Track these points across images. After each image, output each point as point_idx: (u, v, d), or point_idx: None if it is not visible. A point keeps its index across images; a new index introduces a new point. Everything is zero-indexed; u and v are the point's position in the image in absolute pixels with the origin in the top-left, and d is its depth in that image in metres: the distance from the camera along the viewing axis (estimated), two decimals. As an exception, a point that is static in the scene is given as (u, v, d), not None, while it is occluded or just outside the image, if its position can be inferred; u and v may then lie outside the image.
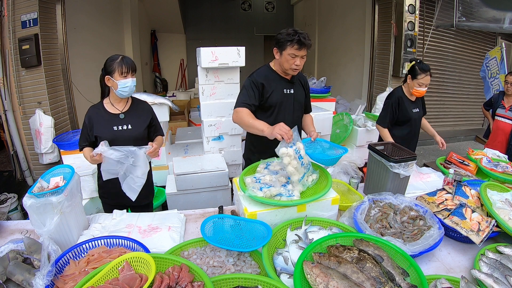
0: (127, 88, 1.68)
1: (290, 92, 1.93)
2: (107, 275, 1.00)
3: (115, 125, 1.75)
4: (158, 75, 8.58)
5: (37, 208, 1.21)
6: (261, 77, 1.87)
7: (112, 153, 1.57)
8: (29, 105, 3.42)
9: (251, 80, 1.86)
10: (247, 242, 1.25)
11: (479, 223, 1.39)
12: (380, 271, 1.05)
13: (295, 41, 1.70)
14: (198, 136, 3.77)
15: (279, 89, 1.89)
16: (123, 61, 1.66)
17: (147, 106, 1.91)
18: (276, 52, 1.82)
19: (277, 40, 1.79)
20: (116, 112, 1.77)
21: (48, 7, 3.46)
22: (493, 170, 2.03)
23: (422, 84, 2.33)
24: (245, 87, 1.88)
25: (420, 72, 2.30)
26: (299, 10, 9.02)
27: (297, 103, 1.98)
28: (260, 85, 1.84)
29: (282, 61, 1.80)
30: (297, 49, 1.72)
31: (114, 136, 1.73)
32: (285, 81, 1.92)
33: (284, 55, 1.77)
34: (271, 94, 1.87)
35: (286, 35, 1.73)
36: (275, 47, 1.82)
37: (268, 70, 1.92)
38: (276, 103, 1.90)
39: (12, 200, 2.98)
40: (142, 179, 1.68)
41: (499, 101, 3.29)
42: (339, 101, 5.67)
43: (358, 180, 1.98)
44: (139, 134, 1.79)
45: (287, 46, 1.73)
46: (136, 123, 1.80)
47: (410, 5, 4.30)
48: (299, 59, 1.76)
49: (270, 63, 1.95)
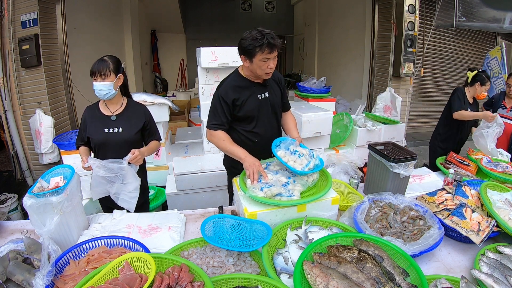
0: (98, 91, 1.65)
1: (265, 96, 1.78)
2: (107, 275, 1.00)
3: (106, 127, 1.73)
4: (158, 75, 8.59)
5: (37, 208, 1.21)
6: (230, 89, 1.71)
7: (99, 171, 1.56)
8: (29, 105, 3.42)
9: (220, 96, 1.70)
10: (247, 242, 1.25)
11: (479, 223, 1.39)
12: (380, 271, 1.05)
13: (264, 45, 1.52)
14: (198, 136, 3.77)
15: (253, 96, 1.74)
16: (94, 64, 1.64)
17: (142, 109, 1.85)
18: (245, 59, 1.64)
19: (243, 48, 1.59)
20: (109, 113, 1.76)
21: (48, 7, 3.46)
22: (493, 170, 2.03)
23: (487, 89, 2.84)
24: (214, 104, 1.73)
25: (487, 80, 2.79)
26: (299, 10, 9.02)
27: (274, 106, 1.84)
28: (230, 100, 1.69)
29: (254, 68, 1.63)
30: (269, 52, 1.55)
31: (105, 139, 1.72)
32: (258, 86, 1.76)
33: (255, 62, 1.59)
34: (245, 104, 1.72)
35: (252, 40, 1.54)
36: (242, 54, 1.63)
37: (237, 78, 1.75)
38: (252, 111, 1.75)
39: (12, 200, 2.98)
40: (136, 192, 1.66)
41: (500, 101, 3.28)
42: (339, 101, 5.67)
43: (358, 180, 1.98)
44: (130, 137, 1.74)
45: (257, 53, 1.55)
46: (128, 126, 1.76)
47: (410, 5, 4.29)
48: (272, 61, 1.60)
49: (239, 68, 1.79)
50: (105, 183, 1.62)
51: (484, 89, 2.81)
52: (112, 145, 1.73)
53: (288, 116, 1.98)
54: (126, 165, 1.60)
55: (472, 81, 2.81)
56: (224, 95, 1.70)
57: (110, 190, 1.64)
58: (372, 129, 3.42)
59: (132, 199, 1.66)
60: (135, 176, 1.66)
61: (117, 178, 1.61)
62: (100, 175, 1.56)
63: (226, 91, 1.71)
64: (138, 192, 1.68)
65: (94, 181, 1.64)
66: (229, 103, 1.70)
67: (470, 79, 2.82)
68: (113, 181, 1.62)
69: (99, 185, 1.63)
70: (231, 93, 1.70)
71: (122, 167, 1.58)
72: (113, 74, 1.65)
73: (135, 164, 1.67)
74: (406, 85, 4.63)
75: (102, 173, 1.56)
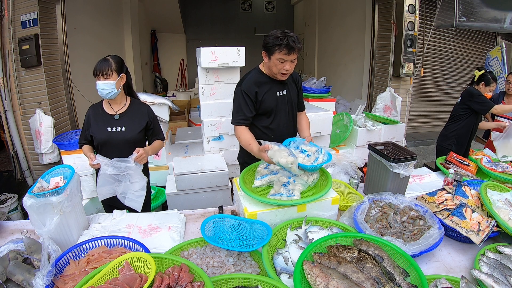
0: (100, 90, 1.67)
1: (283, 93, 1.85)
2: (107, 275, 1.00)
3: (109, 126, 1.74)
4: (158, 75, 8.58)
5: (37, 208, 1.21)
6: (252, 84, 1.77)
7: (107, 169, 1.56)
8: (29, 105, 3.42)
9: (243, 91, 1.76)
10: (247, 242, 1.25)
11: (479, 223, 1.39)
12: (380, 271, 1.05)
13: (283, 46, 1.59)
14: (198, 136, 3.77)
15: (272, 93, 1.81)
16: (97, 64, 1.66)
17: (146, 108, 1.86)
18: (265, 55, 1.72)
19: (265, 44, 1.68)
20: (112, 112, 1.76)
21: (48, 7, 3.46)
22: (493, 170, 2.03)
23: (492, 90, 2.84)
24: (238, 99, 1.78)
25: (493, 81, 2.79)
26: (299, 10, 9.02)
27: (291, 104, 1.91)
28: (253, 93, 1.75)
29: (271, 66, 1.71)
30: (286, 53, 1.62)
31: (108, 137, 1.73)
32: (277, 83, 1.83)
33: (272, 59, 1.67)
34: (264, 100, 1.79)
35: (274, 39, 1.61)
36: (264, 50, 1.72)
37: (258, 74, 1.82)
38: (270, 107, 1.82)
39: (12, 200, 2.98)
40: (143, 191, 1.67)
41: (500, 101, 3.29)
42: (339, 101, 5.67)
43: (358, 180, 1.98)
44: (133, 136, 1.75)
45: (275, 51, 1.62)
46: (131, 126, 1.77)
47: (410, 5, 4.29)
48: (289, 63, 1.66)
49: (260, 65, 1.85)
50: (112, 181, 1.62)
51: (489, 89, 2.82)
52: (115, 144, 1.73)
53: (302, 116, 2.05)
54: (133, 164, 1.60)
55: (478, 80, 2.83)
56: (247, 89, 1.76)
57: (117, 190, 1.65)
58: (372, 129, 3.42)
59: (139, 198, 1.67)
60: (141, 175, 1.67)
61: (124, 177, 1.62)
62: (108, 173, 1.57)
63: (248, 86, 1.77)
64: (145, 191, 1.70)
65: (101, 180, 1.63)
66: (252, 97, 1.76)
67: (476, 78, 2.84)
68: (120, 180, 1.62)
69: (106, 184, 1.63)
70: (253, 87, 1.76)
71: (130, 166, 1.59)
72: (116, 73, 1.67)
73: (140, 163, 1.68)
74: (406, 85, 4.63)
75: (110, 171, 1.56)
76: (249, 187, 1.53)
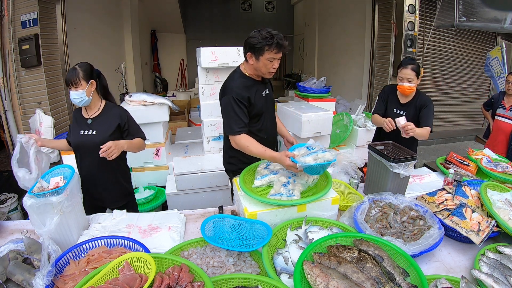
0: (72, 99, 1.69)
1: (267, 93, 1.86)
2: (107, 275, 1.00)
3: (82, 129, 1.77)
4: (158, 75, 8.59)
5: (37, 208, 1.21)
6: (242, 89, 1.71)
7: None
8: (29, 105, 3.43)
9: (236, 99, 1.68)
10: (247, 242, 1.25)
11: (479, 223, 1.39)
12: (380, 271, 1.05)
13: (273, 45, 1.59)
14: (198, 136, 3.77)
15: (259, 94, 1.79)
16: (67, 74, 1.68)
17: (118, 111, 1.83)
18: (250, 57, 1.67)
19: (251, 45, 1.63)
20: (87, 116, 1.79)
21: (48, 7, 3.46)
22: (493, 170, 2.03)
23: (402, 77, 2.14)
24: (233, 108, 1.68)
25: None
26: (299, 10, 9.02)
27: (273, 102, 1.94)
28: (246, 99, 1.71)
29: (259, 66, 1.67)
30: (276, 52, 1.62)
31: (80, 141, 1.76)
32: (260, 84, 1.82)
33: (262, 60, 1.64)
34: (256, 103, 1.77)
35: (262, 39, 1.59)
36: (249, 52, 1.66)
37: (243, 78, 1.77)
38: (261, 109, 1.81)
39: (12, 200, 2.97)
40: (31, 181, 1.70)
41: (500, 101, 3.28)
42: (339, 101, 5.67)
43: (358, 180, 1.98)
44: (103, 140, 1.70)
45: (265, 51, 1.61)
46: (101, 129, 1.76)
47: (410, 5, 4.29)
48: (276, 61, 1.67)
49: (241, 67, 1.80)
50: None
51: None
52: (87, 147, 1.75)
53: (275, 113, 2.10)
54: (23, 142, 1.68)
55: None
56: (240, 96, 1.69)
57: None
58: (372, 129, 3.42)
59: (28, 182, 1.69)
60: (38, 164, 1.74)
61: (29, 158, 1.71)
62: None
63: (239, 92, 1.70)
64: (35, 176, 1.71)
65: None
66: (245, 103, 1.71)
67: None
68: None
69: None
70: (245, 92, 1.71)
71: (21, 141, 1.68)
72: (84, 81, 1.67)
73: (108, 157, 1.63)
74: (406, 85, 4.62)
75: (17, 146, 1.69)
76: (249, 187, 1.53)
